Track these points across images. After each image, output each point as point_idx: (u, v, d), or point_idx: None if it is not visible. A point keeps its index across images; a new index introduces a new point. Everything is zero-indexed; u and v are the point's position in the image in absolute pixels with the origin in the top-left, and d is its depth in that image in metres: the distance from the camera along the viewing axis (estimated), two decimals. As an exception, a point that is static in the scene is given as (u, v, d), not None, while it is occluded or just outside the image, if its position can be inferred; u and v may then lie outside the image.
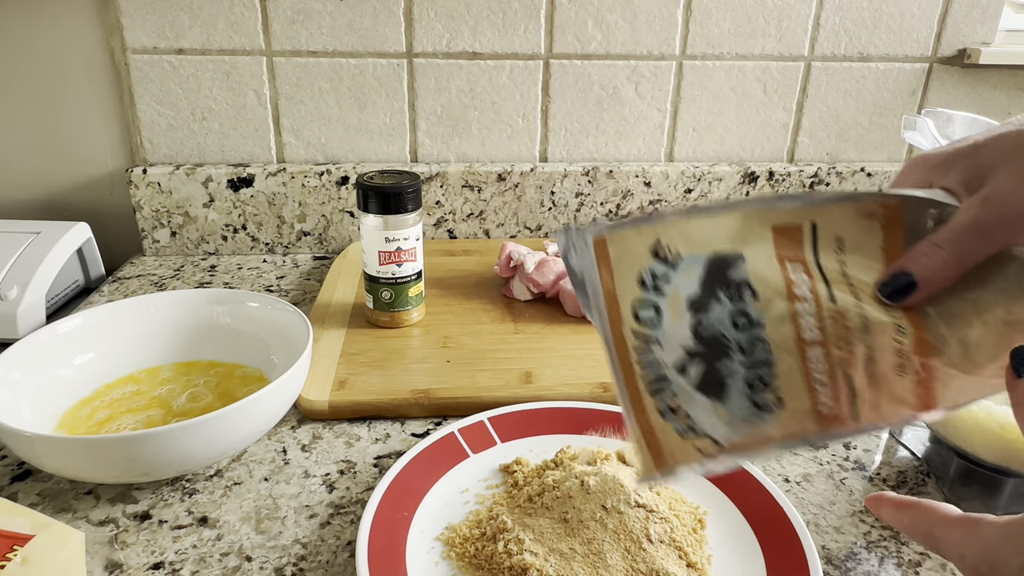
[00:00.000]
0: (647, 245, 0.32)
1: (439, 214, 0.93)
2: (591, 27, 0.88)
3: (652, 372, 0.32)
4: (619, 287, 0.32)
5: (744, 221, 0.32)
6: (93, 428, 0.53)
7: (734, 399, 0.32)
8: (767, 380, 0.31)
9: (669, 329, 0.32)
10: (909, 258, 0.31)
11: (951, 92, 0.96)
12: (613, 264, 0.32)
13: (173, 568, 0.44)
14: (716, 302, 0.31)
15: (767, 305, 0.31)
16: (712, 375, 0.32)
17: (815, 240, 0.32)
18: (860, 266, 0.32)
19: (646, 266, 0.32)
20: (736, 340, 0.31)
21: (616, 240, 0.32)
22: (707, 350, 0.31)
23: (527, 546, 0.42)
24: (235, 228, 0.91)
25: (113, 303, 0.60)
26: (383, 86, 0.88)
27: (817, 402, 0.31)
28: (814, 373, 0.31)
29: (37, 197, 0.90)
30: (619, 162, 0.95)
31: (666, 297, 0.32)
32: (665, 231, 0.32)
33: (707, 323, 0.31)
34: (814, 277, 0.31)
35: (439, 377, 0.62)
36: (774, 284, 0.31)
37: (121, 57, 0.85)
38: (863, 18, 0.90)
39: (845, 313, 0.31)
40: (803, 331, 0.31)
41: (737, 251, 0.31)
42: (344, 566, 0.44)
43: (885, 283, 0.32)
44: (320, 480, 0.52)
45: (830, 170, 0.96)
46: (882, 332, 0.31)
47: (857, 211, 0.32)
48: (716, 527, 0.46)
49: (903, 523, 0.33)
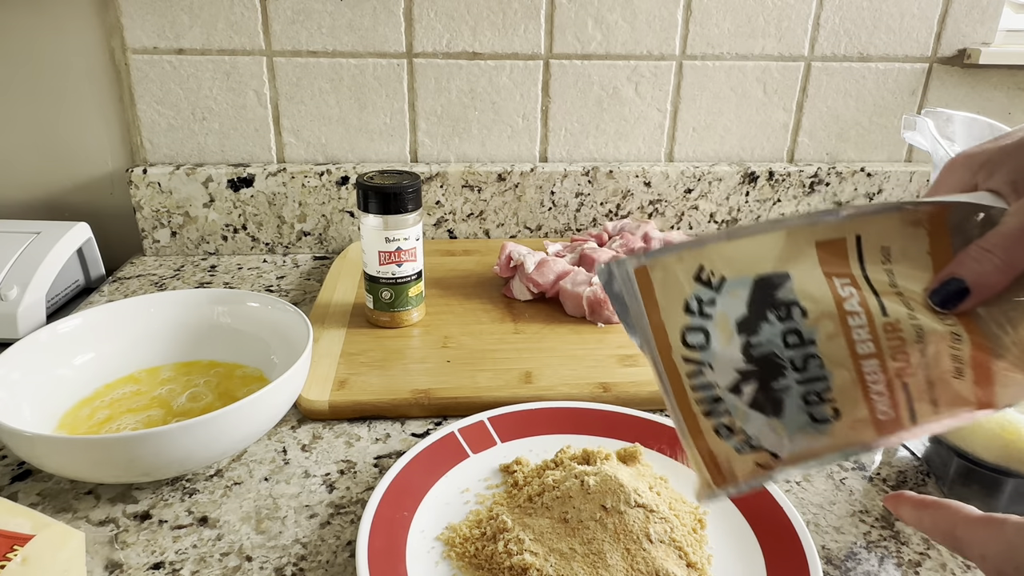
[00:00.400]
0: (690, 271, 0.32)
1: (439, 214, 0.93)
2: (591, 27, 0.88)
3: (705, 394, 0.32)
4: (665, 315, 0.32)
5: (786, 240, 0.32)
6: (93, 428, 0.53)
7: (791, 414, 0.32)
8: (823, 394, 0.31)
9: (719, 352, 0.32)
10: (959, 264, 0.31)
11: (951, 92, 0.96)
12: (657, 293, 0.32)
13: (173, 568, 0.44)
14: (765, 322, 0.31)
15: (817, 322, 0.31)
16: (767, 393, 0.32)
17: (860, 252, 0.32)
18: (908, 274, 0.32)
19: (690, 292, 0.32)
20: (789, 358, 0.31)
21: (657, 268, 0.32)
22: (760, 369, 0.31)
23: (527, 546, 0.42)
24: (235, 228, 0.91)
25: (113, 303, 0.60)
26: (383, 86, 0.88)
27: (875, 411, 0.31)
28: (871, 384, 0.31)
29: (37, 197, 0.90)
30: (619, 162, 0.95)
31: (713, 321, 0.32)
32: (706, 256, 0.32)
33: (758, 343, 0.31)
34: (863, 289, 0.31)
35: (439, 377, 0.62)
36: (823, 301, 0.31)
37: (121, 57, 0.85)
38: (863, 18, 0.90)
39: (898, 325, 0.31)
40: (856, 345, 0.31)
41: (782, 270, 0.31)
42: (344, 566, 0.44)
43: (936, 290, 0.31)
44: (320, 480, 0.52)
45: (830, 170, 0.96)
46: (938, 341, 0.31)
47: (901, 220, 0.32)
48: (716, 527, 0.46)
49: (924, 523, 0.33)
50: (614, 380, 0.61)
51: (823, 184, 0.96)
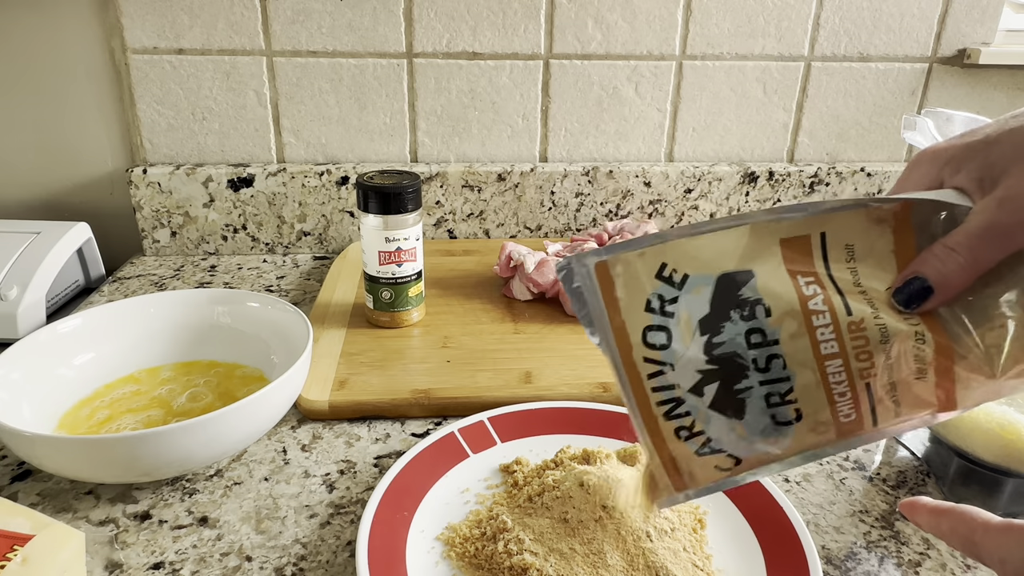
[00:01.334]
0: (652, 269, 0.31)
1: (439, 214, 0.93)
2: (591, 27, 0.88)
3: (666, 395, 0.31)
4: (626, 314, 0.31)
5: (751, 236, 0.31)
6: (93, 428, 0.53)
7: (752, 416, 0.31)
8: (785, 396, 0.31)
9: (681, 352, 0.31)
10: (922, 262, 0.31)
11: (951, 92, 0.96)
12: (618, 291, 0.31)
13: (173, 568, 0.44)
14: (728, 322, 0.31)
15: (781, 321, 0.30)
16: (728, 394, 0.31)
17: (824, 250, 0.31)
18: (873, 273, 0.31)
19: (652, 290, 0.31)
20: (752, 358, 0.31)
21: (618, 265, 0.31)
22: (722, 370, 0.31)
23: (527, 546, 0.42)
24: (235, 228, 0.91)
25: (113, 303, 0.60)
26: (383, 86, 0.88)
27: (838, 412, 0.31)
28: (834, 385, 0.31)
29: (37, 197, 0.90)
30: (619, 162, 0.95)
31: (676, 319, 0.31)
32: (669, 253, 0.31)
33: (720, 343, 0.31)
34: (827, 288, 0.31)
35: (439, 377, 0.62)
36: (787, 299, 0.30)
37: (121, 57, 0.85)
38: (863, 18, 0.90)
39: (862, 324, 0.30)
40: (820, 345, 0.30)
41: (746, 268, 0.31)
42: (344, 566, 0.44)
43: (899, 289, 0.31)
44: (320, 480, 0.52)
45: (830, 170, 0.96)
46: (902, 341, 0.30)
47: (865, 217, 0.31)
48: (716, 527, 0.46)
49: (941, 529, 0.32)
50: (614, 380, 0.61)
51: (823, 184, 0.96)
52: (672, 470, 0.33)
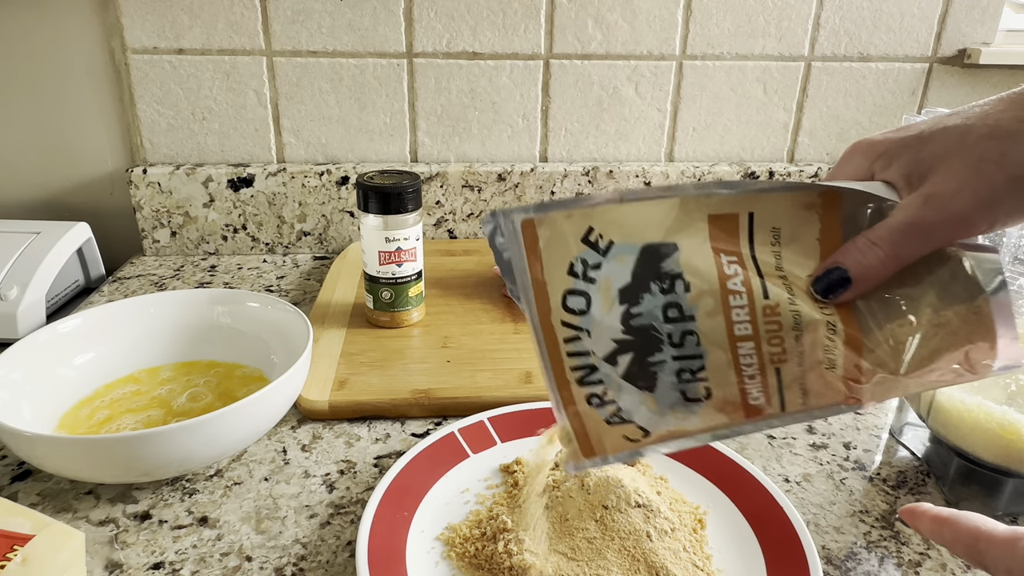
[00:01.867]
0: (578, 232, 0.31)
1: (439, 214, 0.93)
2: (591, 27, 0.88)
3: (580, 361, 0.31)
4: (548, 275, 0.31)
5: (680, 209, 0.31)
6: (93, 428, 0.53)
7: (663, 390, 0.31)
8: (697, 373, 0.31)
9: (599, 319, 0.31)
10: (844, 253, 0.31)
11: (951, 92, 0.96)
12: (542, 250, 0.31)
13: (173, 568, 0.44)
14: (648, 293, 0.31)
15: (699, 298, 0.31)
16: (641, 366, 0.31)
17: (751, 231, 0.31)
18: (795, 259, 0.32)
19: (576, 254, 0.31)
20: (667, 332, 0.31)
21: (545, 225, 0.31)
22: (637, 341, 0.31)
23: (527, 546, 0.42)
24: (235, 228, 0.91)
25: (113, 303, 0.60)
26: (383, 86, 0.88)
27: (746, 394, 0.31)
28: (744, 367, 0.31)
29: (37, 197, 0.90)
30: (619, 162, 0.95)
31: (597, 286, 0.31)
32: (597, 217, 0.31)
33: (638, 313, 0.31)
34: (748, 270, 0.31)
35: (439, 377, 0.62)
36: (707, 277, 0.31)
37: (121, 57, 0.85)
38: (863, 18, 0.90)
39: (777, 309, 0.30)
40: (735, 326, 0.30)
41: (671, 241, 0.31)
42: (344, 566, 0.44)
43: (819, 278, 0.31)
44: (320, 480, 0.52)
45: (830, 170, 0.96)
46: (813, 330, 0.30)
47: (795, 201, 0.32)
48: (716, 527, 0.46)
49: (944, 537, 0.32)
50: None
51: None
52: (582, 436, 0.33)
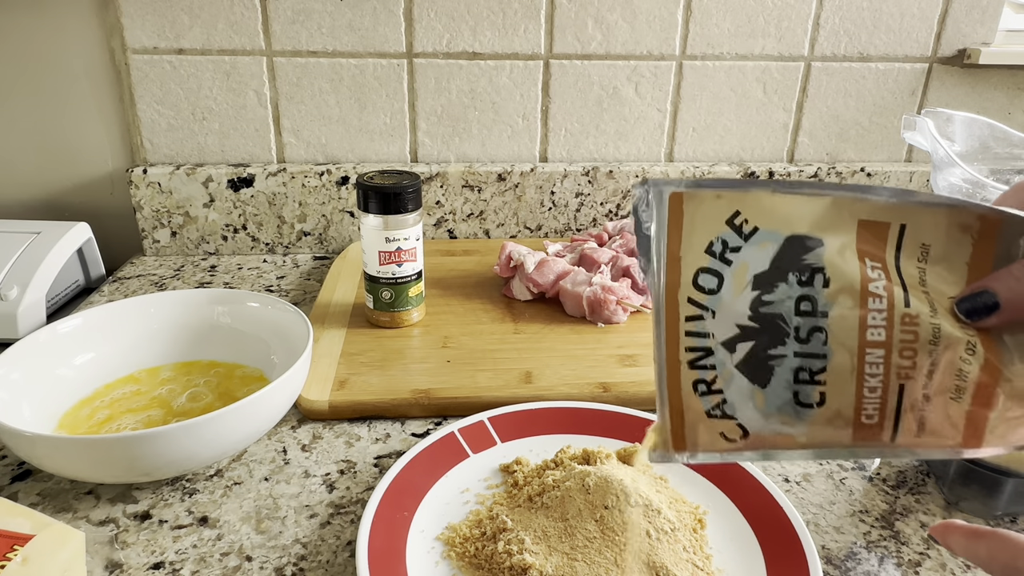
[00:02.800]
0: (724, 213, 0.30)
1: (439, 214, 0.93)
2: (591, 27, 0.88)
3: (698, 342, 0.31)
4: (685, 250, 0.31)
5: (831, 208, 0.30)
6: (93, 428, 0.53)
7: (775, 387, 0.31)
8: (816, 374, 0.30)
9: (727, 301, 0.30)
10: (996, 278, 0.30)
11: (951, 92, 0.96)
12: (685, 225, 0.30)
13: (173, 568, 0.44)
14: (784, 283, 0.30)
15: (837, 295, 0.30)
16: (759, 357, 0.31)
17: (900, 242, 0.31)
18: (941, 278, 0.31)
19: (718, 234, 0.30)
20: (795, 325, 0.30)
21: (693, 201, 0.30)
22: (762, 329, 0.30)
23: (527, 546, 0.42)
24: (235, 228, 0.91)
25: (113, 303, 0.60)
26: (383, 86, 0.88)
27: (861, 410, 0.30)
28: (867, 376, 0.30)
29: (37, 197, 0.90)
30: (619, 162, 0.95)
31: (732, 268, 0.30)
32: (746, 202, 0.30)
33: (769, 301, 0.30)
34: (891, 279, 0.30)
35: (439, 377, 0.62)
36: (849, 275, 0.30)
37: (121, 57, 0.85)
38: (863, 18, 0.90)
39: (917, 319, 0.30)
40: (868, 329, 0.30)
41: (817, 236, 0.30)
42: (344, 566, 0.44)
43: (965, 298, 0.30)
44: (320, 480, 0.52)
45: (830, 170, 0.96)
46: (951, 347, 0.29)
47: (951, 220, 0.31)
48: (716, 527, 0.46)
49: (979, 554, 0.31)
50: (614, 380, 0.61)
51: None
52: (677, 425, 0.32)
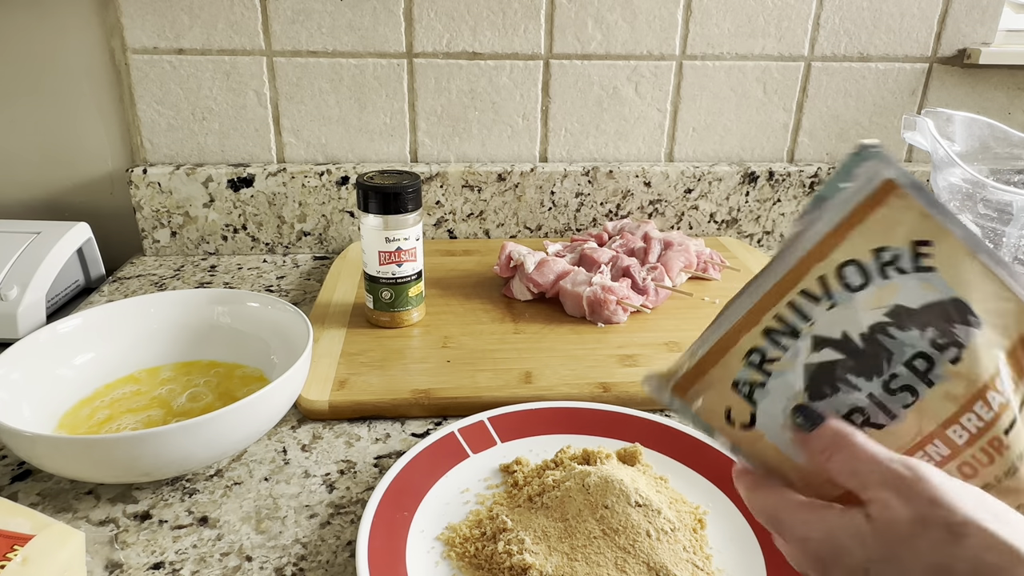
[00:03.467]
0: (917, 233, 0.29)
1: (439, 214, 0.93)
2: (591, 27, 0.88)
3: (793, 317, 0.29)
4: (853, 235, 0.29)
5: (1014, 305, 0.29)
6: (93, 428, 0.53)
7: (819, 407, 0.30)
8: (870, 425, 0.29)
9: (853, 307, 0.29)
10: None
11: (951, 92, 0.96)
12: (875, 213, 0.29)
13: (173, 568, 0.44)
14: (918, 331, 0.29)
15: (955, 377, 0.29)
16: (835, 373, 0.29)
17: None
18: None
19: (896, 245, 0.29)
20: (893, 372, 0.29)
21: (900, 200, 0.28)
22: (864, 352, 0.29)
23: (527, 546, 0.42)
24: (235, 228, 0.91)
25: (113, 303, 0.60)
26: (383, 86, 0.88)
27: None
28: None
29: (37, 197, 0.90)
30: (619, 162, 0.95)
31: (883, 283, 0.29)
32: (944, 240, 0.29)
33: (891, 335, 0.29)
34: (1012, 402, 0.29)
35: (439, 377, 0.62)
36: (981, 369, 0.29)
37: (121, 57, 0.85)
38: (863, 18, 0.90)
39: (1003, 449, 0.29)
40: (952, 426, 0.29)
41: (980, 318, 0.29)
42: (344, 566, 0.44)
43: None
44: (320, 480, 0.52)
45: (830, 170, 0.96)
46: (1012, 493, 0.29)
47: None
48: (716, 527, 0.46)
49: (754, 504, 0.32)
50: (614, 380, 0.61)
51: (822, 184, 0.96)
52: (694, 374, 0.31)
